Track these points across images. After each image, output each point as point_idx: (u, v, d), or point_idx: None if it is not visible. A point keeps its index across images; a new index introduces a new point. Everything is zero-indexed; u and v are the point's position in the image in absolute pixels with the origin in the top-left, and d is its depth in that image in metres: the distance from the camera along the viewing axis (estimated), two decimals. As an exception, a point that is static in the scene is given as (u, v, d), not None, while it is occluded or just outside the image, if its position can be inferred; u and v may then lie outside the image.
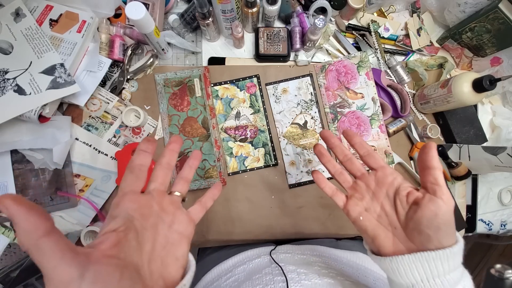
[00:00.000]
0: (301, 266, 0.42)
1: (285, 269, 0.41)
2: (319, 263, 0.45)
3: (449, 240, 0.27)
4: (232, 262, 0.50)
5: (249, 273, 0.44)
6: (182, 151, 0.61)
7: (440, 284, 0.26)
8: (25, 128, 0.55)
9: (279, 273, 0.40)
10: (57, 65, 0.53)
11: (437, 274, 0.27)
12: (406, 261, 0.28)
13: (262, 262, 0.47)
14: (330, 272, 0.42)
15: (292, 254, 0.48)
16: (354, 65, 0.64)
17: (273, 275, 0.40)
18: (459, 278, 0.28)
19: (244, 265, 0.47)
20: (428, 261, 0.27)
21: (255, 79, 0.64)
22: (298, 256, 0.48)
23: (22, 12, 0.54)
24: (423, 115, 0.67)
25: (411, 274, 0.27)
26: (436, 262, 0.26)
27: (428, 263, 0.27)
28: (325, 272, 0.41)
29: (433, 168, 0.28)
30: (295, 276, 0.39)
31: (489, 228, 0.69)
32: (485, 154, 0.57)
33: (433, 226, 0.27)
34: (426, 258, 0.27)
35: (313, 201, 0.62)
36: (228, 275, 0.46)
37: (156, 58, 0.63)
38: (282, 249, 0.50)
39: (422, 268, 0.27)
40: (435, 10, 0.66)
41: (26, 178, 0.56)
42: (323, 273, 0.40)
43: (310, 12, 0.61)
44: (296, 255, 0.48)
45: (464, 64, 0.69)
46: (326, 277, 0.39)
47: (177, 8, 0.65)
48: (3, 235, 0.57)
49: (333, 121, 0.64)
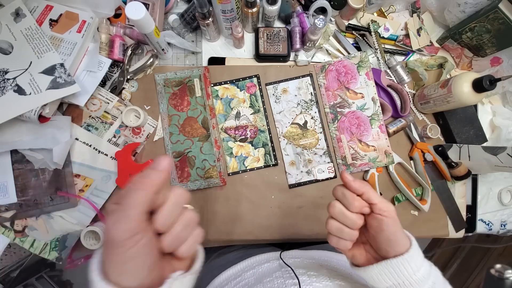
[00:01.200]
0: (311, 269, 0.43)
1: (296, 272, 0.42)
2: (328, 267, 0.46)
3: (403, 244, 0.32)
4: (240, 266, 0.51)
5: (259, 277, 0.45)
6: (182, 151, 0.61)
7: (408, 285, 0.31)
8: (25, 128, 0.55)
9: (290, 277, 0.41)
10: (57, 65, 0.53)
11: (406, 276, 0.31)
12: (375, 270, 0.32)
13: (272, 267, 0.47)
14: (340, 275, 0.42)
15: (301, 259, 0.49)
16: (354, 65, 0.64)
17: (284, 278, 0.41)
18: (428, 273, 0.32)
19: (253, 269, 0.48)
20: (393, 267, 0.31)
21: (255, 79, 0.64)
22: (307, 260, 0.49)
23: (22, 12, 0.54)
24: (423, 115, 0.67)
25: (383, 279, 0.32)
26: (399, 267, 0.31)
27: (394, 269, 0.31)
28: (335, 274, 0.42)
29: (361, 194, 0.32)
30: (306, 279, 0.40)
31: (489, 228, 0.69)
32: (485, 154, 0.57)
33: (384, 239, 0.32)
34: (390, 265, 0.31)
35: (313, 201, 0.62)
36: (238, 279, 0.47)
37: (156, 58, 0.63)
38: (290, 255, 0.51)
39: (390, 273, 0.31)
40: (435, 10, 0.66)
41: (26, 178, 0.56)
42: (334, 275, 0.41)
43: (310, 12, 0.61)
44: (305, 260, 0.49)
45: (464, 64, 0.69)
46: (336, 279, 0.40)
47: (177, 8, 0.65)
48: (3, 235, 0.57)
49: (333, 121, 0.64)
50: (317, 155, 0.63)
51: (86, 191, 0.58)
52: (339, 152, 0.63)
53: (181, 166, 0.60)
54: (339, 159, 0.63)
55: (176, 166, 0.60)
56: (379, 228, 0.32)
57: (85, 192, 0.58)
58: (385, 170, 0.64)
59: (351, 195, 0.32)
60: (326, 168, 0.62)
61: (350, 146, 0.63)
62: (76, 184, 0.58)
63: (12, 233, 0.57)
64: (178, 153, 0.61)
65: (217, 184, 0.60)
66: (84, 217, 0.57)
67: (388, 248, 0.32)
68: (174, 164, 0.60)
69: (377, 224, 0.32)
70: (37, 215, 0.57)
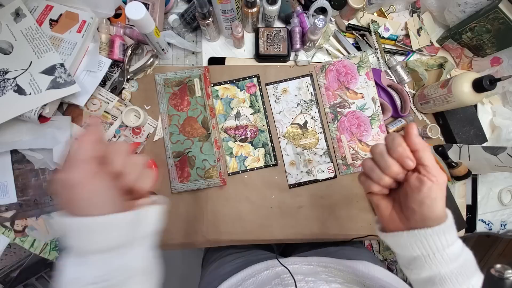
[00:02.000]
0: (308, 275, 0.43)
1: (294, 278, 0.42)
2: (326, 272, 0.46)
3: (437, 215, 0.30)
4: (241, 276, 0.51)
5: (259, 285, 0.45)
6: (182, 151, 0.61)
7: (440, 258, 0.30)
8: (25, 128, 0.55)
9: (288, 284, 0.42)
10: (57, 65, 0.53)
11: (439, 248, 0.29)
12: (405, 237, 0.31)
13: (271, 274, 0.48)
14: (337, 279, 0.43)
15: (299, 265, 0.49)
16: (354, 65, 0.64)
17: (283, 285, 0.42)
18: (460, 251, 0.31)
19: (253, 278, 0.48)
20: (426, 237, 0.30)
21: (255, 79, 0.64)
22: (305, 266, 0.49)
23: (22, 12, 0.54)
24: (423, 115, 0.67)
25: (411, 248, 0.30)
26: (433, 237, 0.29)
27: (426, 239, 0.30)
28: (332, 280, 0.42)
29: (416, 151, 0.30)
30: (304, 285, 0.40)
31: (489, 228, 0.69)
32: (485, 154, 0.57)
33: (417, 200, 0.30)
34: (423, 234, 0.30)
35: (313, 201, 0.62)
36: None
37: (156, 58, 0.63)
38: (289, 261, 0.51)
39: (421, 243, 0.30)
40: (435, 10, 0.66)
41: (26, 178, 0.56)
42: (330, 280, 0.41)
43: (310, 12, 0.61)
44: (303, 266, 0.49)
45: (464, 64, 0.69)
46: (333, 284, 0.40)
47: (177, 8, 0.65)
48: (3, 235, 0.57)
49: (333, 121, 0.64)
50: (317, 155, 0.63)
51: (86, 191, 0.58)
52: (339, 152, 0.63)
53: (181, 166, 0.60)
54: (339, 159, 0.63)
55: (176, 166, 0.60)
56: (418, 189, 0.29)
57: (85, 192, 0.58)
58: (385, 170, 0.64)
59: (399, 141, 0.29)
60: (326, 168, 0.62)
61: (350, 146, 0.63)
62: (76, 184, 0.58)
63: (12, 233, 0.57)
64: (178, 153, 0.61)
65: (217, 184, 0.60)
66: (84, 217, 0.57)
67: (419, 209, 0.30)
68: (174, 164, 0.60)
69: (418, 185, 0.29)
70: (37, 215, 0.57)
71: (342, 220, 0.62)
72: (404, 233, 0.31)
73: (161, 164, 0.61)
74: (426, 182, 0.29)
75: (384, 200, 0.34)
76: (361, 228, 0.62)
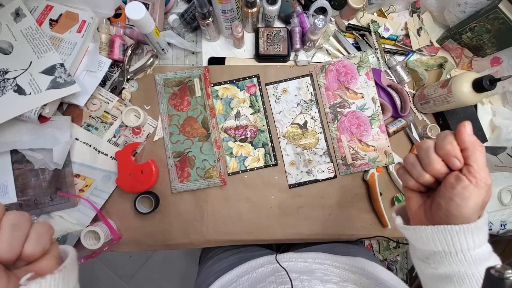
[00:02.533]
0: (303, 273, 0.43)
1: (290, 276, 0.42)
2: (322, 270, 0.46)
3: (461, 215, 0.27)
4: (236, 272, 0.51)
5: (253, 283, 0.45)
6: (182, 151, 0.61)
7: (462, 259, 0.28)
8: (25, 128, 0.55)
9: (282, 282, 0.41)
10: (57, 65, 0.53)
11: (463, 248, 0.27)
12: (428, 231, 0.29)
13: (266, 271, 0.47)
14: (333, 278, 0.42)
15: (295, 262, 0.49)
16: (354, 65, 0.64)
17: (277, 283, 0.41)
18: (488, 255, 0.28)
19: (248, 275, 0.48)
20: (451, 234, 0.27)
21: (255, 79, 0.64)
22: (301, 263, 0.49)
23: (22, 12, 0.54)
24: (423, 115, 0.67)
25: (434, 243, 0.29)
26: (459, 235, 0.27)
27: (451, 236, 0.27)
28: (327, 279, 0.42)
29: (465, 149, 0.28)
30: (298, 284, 0.40)
31: (489, 228, 0.69)
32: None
33: (446, 196, 0.28)
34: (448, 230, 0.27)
35: (313, 201, 0.62)
36: (233, 285, 0.47)
37: (156, 58, 0.63)
38: (285, 257, 0.51)
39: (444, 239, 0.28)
40: (435, 10, 0.66)
41: (26, 178, 0.56)
42: (326, 280, 0.41)
43: (310, 12, 0.61)
44: (299, 263, 0.49)
45: (464, 64, 0.69)
46: (328, 283, 0.40)
47: (177, 8, 0.65)
48: (3, 235, 0.57)
49: (333, 121, 0.64)
50: (317, 155, 0.63)
51: (86, 191, 0.58)
52: (339, 152, 0.63)
53: (181, 166, 0.60)
54: (339, 159, 0.63)
55: (176, 166, 0.60)
56: (452, 186, 0.27)
57: (85, 192, 0.58)
58: (385, 170, 0.64)
59: (450, 139, 0.28)
60: (326, 168, 0.62)
61: (350, 146, 0.63)
62: (76, 184, 0.58)
63: (12, 233, 0.57)
64: (178, 153, 0.61)
65: (217, 184, 0.60)
66: (84, 217, 0.57)
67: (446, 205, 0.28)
68: (174, 164, 0.60)
69: (453, 182, 0.27)
70: (37, 215, 0.57)
71: (342, 220, 0.62)
72: (429, 227, 0.29)
73: (161, 164, 0.61)
74: (463, 180, 0.27)
75: (418, 196, 0.33)
76: (361, 228, 0.62)
